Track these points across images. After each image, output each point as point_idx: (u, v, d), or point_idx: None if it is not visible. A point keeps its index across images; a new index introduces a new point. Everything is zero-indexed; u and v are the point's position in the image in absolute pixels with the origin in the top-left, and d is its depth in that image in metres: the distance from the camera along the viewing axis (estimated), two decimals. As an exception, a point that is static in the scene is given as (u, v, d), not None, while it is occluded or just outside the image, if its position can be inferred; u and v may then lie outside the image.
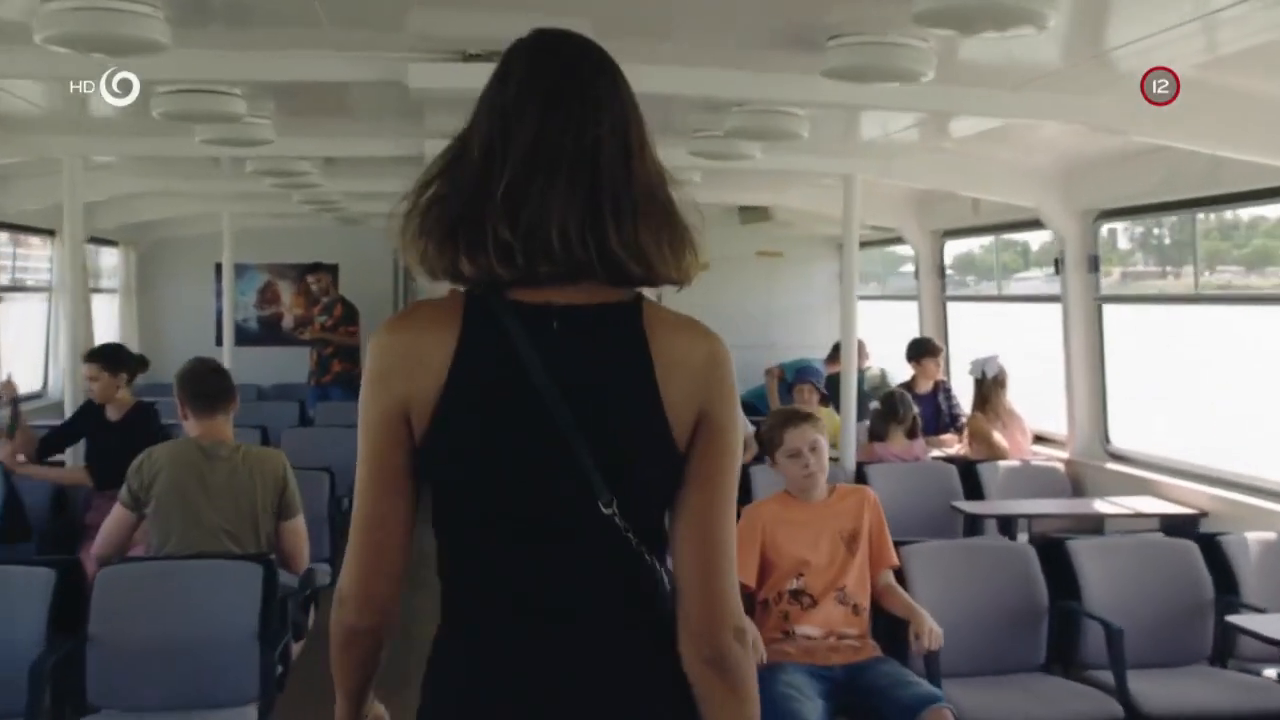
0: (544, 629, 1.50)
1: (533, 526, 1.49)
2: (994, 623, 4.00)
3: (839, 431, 7.68)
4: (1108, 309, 6.18)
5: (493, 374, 1.47)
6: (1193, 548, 4.18)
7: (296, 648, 4.17)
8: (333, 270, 10.71)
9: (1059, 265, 6.32)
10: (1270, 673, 4.03)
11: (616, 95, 1.53)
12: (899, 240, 8.41)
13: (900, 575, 3.83)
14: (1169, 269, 7.54)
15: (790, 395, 8.87)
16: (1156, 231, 7.37)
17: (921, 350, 7.51)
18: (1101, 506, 5.53)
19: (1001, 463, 6.22)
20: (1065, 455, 6.43)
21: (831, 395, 8.01)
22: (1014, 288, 8.28)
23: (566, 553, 1.50)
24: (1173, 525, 5.26)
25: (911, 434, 6.46)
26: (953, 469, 6.12)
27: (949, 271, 8.18)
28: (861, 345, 8.79)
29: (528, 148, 1.46)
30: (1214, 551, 4.17)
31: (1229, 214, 6.65)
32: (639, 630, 1.52)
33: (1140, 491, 5.73)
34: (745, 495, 5.90)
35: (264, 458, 3.96)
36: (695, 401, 1.50)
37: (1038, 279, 8.09)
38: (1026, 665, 4.02)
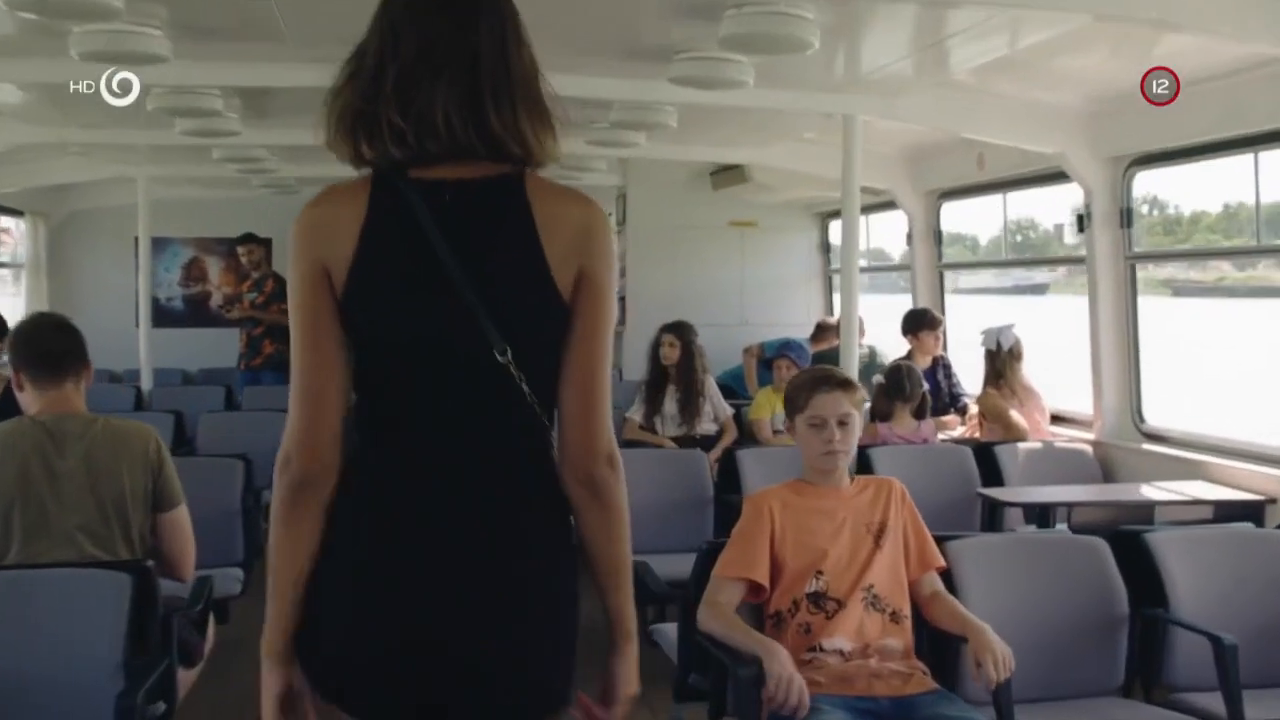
0: (448, 456, 1.72)
1: (437, 373, 1.71)
2: (1062, 636, 3.21)
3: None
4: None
5: (396, 240, 1.69)
6: (1296, 539, 3.42)
7: (188, 676, 3.31)
8: (266, 244, 9.76)
9: (1084, 222, 5.57)
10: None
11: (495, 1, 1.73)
12: (889, 205, 7.64)
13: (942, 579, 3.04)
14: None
15: (770, 375, 8.13)
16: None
17: (919, 322, 6.74)
18: (1151, 493, 4.77)
19: (1021, 445, 5.46)
20: (1091, 436, 5.68)
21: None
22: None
23: (468, 396, 1.71)
24: (1233, 512, 4.52)
25: (919, 414, 5.69)
26: (968, 452, 5.36)
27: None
28: (860, 322, 8.07)
29: (415, 50, 1.68)
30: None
31: (1171, 212, 6.75)
32: (528, 456, 1.75)
33: (1185, 475, 4.99)
34: (733, 482, 5.12)
35: (129, 433, 3.07)
36: (575, 260, 1.70)
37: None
38: (1101, 688, 3.24)
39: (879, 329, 7.87)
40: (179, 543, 3.13)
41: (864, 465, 5.18)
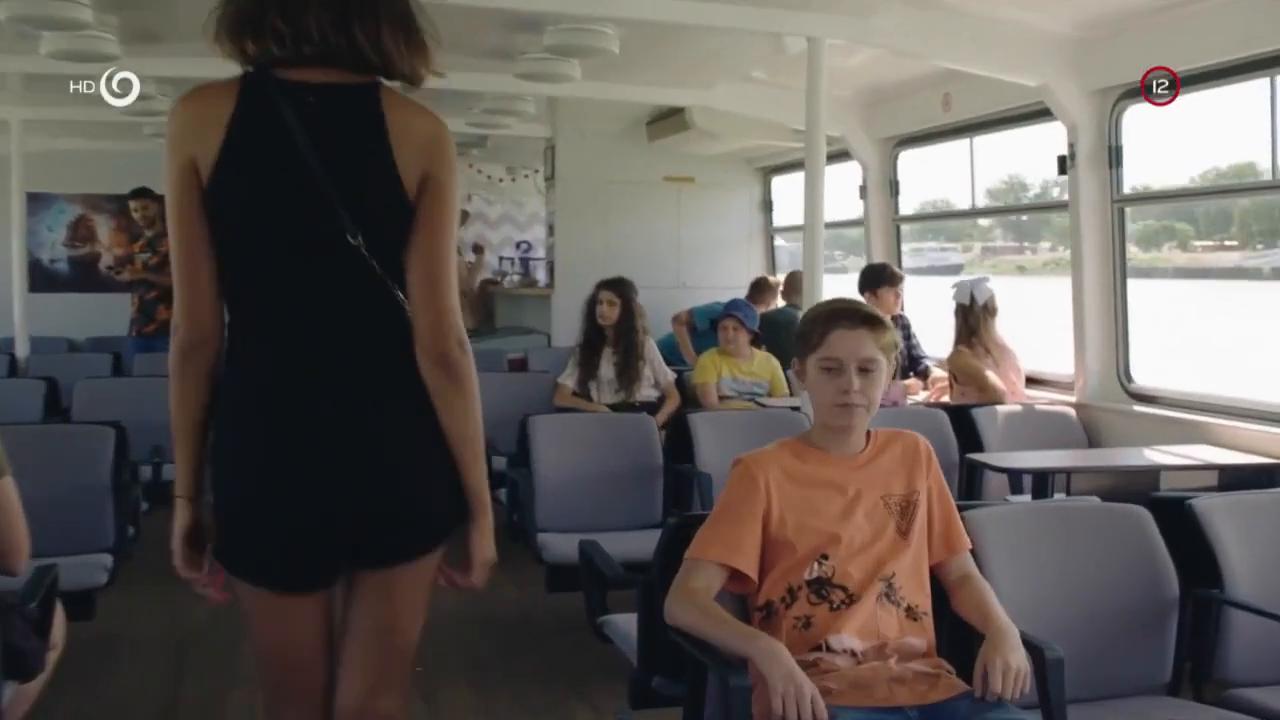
0: (314, 328, 1.94)
1: (297, 255, 1.92)
2: (1099, 624, 2.67)
3: (778, 379, 6.41)
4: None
5: (262, 135, 1.88)
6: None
7: (25, 692, 2.63)
8: (161, 201, 8.91)
9: (1067, 162, 5.06)
10: None
11: None
12: (841, 156, 7.09)
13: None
14: (1026, 244, 8.45)
15: (706, 342, 7.56)
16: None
17: (878, 278, 6.22)
18: (1155, 457, 4.27)
19: (1000, 408, 4.95)
20: (1072, 399, 5.19)
21: (767, 337, 6.71)
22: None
23: (327, 275, 1.92)
24: (1242, 478, 4.05)
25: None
26: (943, 415, 4.83)
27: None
28: (800, 278, 7.52)
29: None
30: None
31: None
32: (384, 336, 1.96)
33: (1179, 439, 4.51)
34: (684, 450, 4.52)
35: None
36: (421, 164, 1.92)
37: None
38: (1145, 685, 2.71)
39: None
40: (8, 522, 2.43)
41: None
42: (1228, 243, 9.30)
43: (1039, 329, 6.27)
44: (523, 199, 10.83)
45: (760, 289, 7.56)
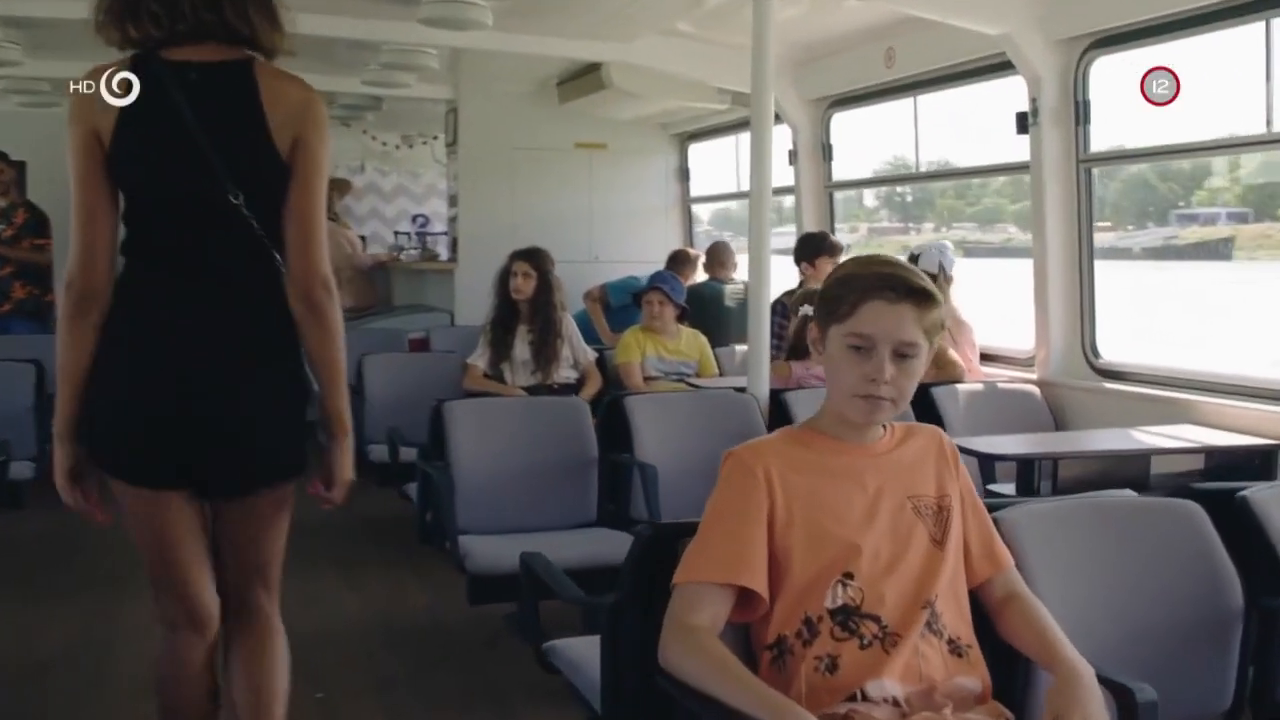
0: (197, 275, 2.21)
1: (187, 213, 2.19)
2: (1149, 643, 2.24)
3: (707, 358, 5.94)
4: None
5: (153, 108, 2.14)
6: None
7: None
8: (18, 167, 8.03)
9: (1029, 119, 4.65)
10: None
11: None
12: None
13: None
14: (911, 225, 8.39)
15: (621, 320, 7.07)
16: (900, 190, 8.03)
17: (817, 247, 5.76)
18: (1145, 439, 3.88)
19: (960, 387, 4.54)
20: (1031, 375, 4.81)
21: (696, 311, 6.23)
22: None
23: (212, 231, 2.20)
24: (1235, 460, 3.70)
25: (841, 349, 4.70)
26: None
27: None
28: (727, 249, 7.07)
29: None
30: None
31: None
32: (259, 275, 2.22)
33: (1154, 419, 4.14)
34: (618, 438, 4.00)
35: None
36: (292, 129, 2.18)
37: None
38: (1204, 710, 2.29)
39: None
40: None
41: (778, 414, 4.16)
42: (1101, 224, 9.29)
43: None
44: (419, 169, 10.16)
45: (680, 262, 7.07)
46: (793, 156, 6.49)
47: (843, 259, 5.70)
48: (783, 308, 5.81)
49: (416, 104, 8.21)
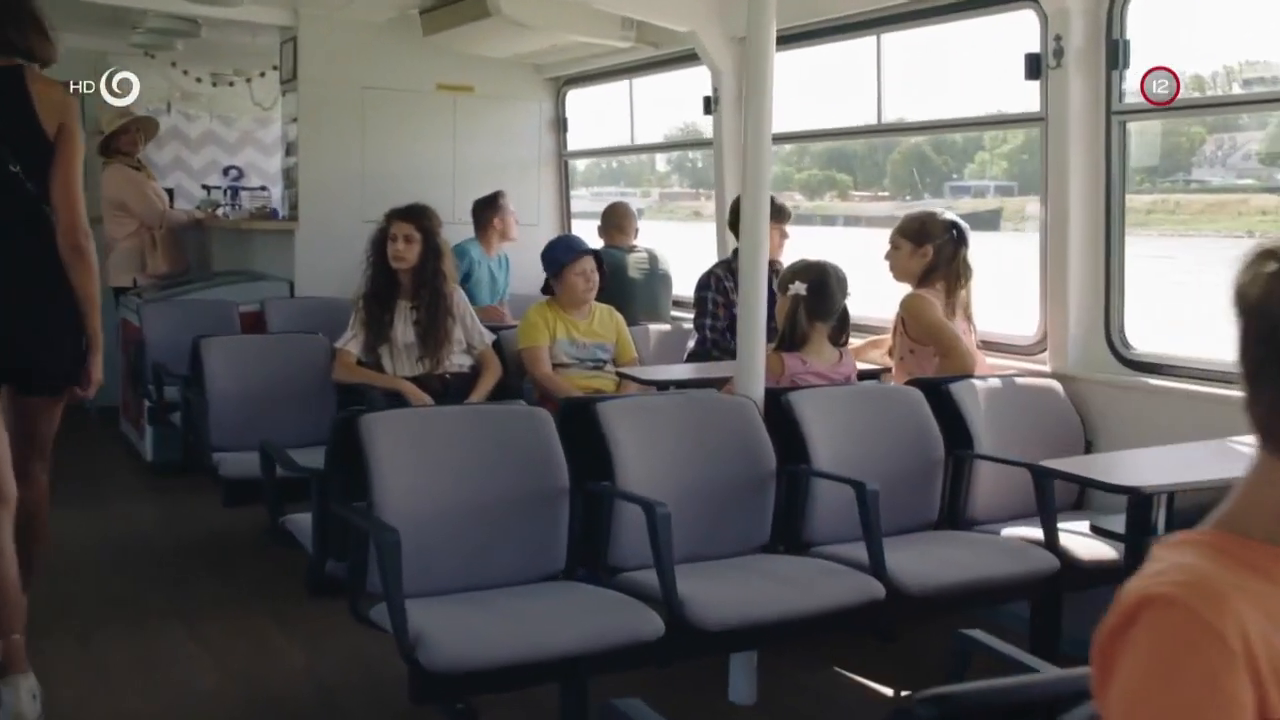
0: None
1: None
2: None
3: (625, 339, 5.02)
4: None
5: None
6: None
7: None
8: None
9: (1042, 63, 3.89)
10: None
11: None
12: (687, 58, 5.69)
13: None
14: (701, 191, 7.97)
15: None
16: (691, 156, 8.07)
17: (758, 212, 4.90)
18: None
19: (979, 384, 3.75)
20: (1043, 367, 4.07)
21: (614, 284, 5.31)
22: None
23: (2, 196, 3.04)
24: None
25: (839, 336, 3.86)
26: (917, 395, 3.59)
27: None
28: (627, 211, 6.11)
29: None
30: None
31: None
32: (37, 230, 3.05)
33: (1211, 423, 3.45)
34: (594, 458, 3.05)
35: None
36: (56, 119, 3.04)
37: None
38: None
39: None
40: None
41: (780, 418, 3.29)
42: (881, 193, 9.44)
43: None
44: (232, 114, 8.74)
45: (618, 219, 5.99)
46: (711, 104, 5.58)
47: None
48: (716, 281, 4.93)
49: (242, 32, 6.89)
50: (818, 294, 3.74)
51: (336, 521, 2.82)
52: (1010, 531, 3.47)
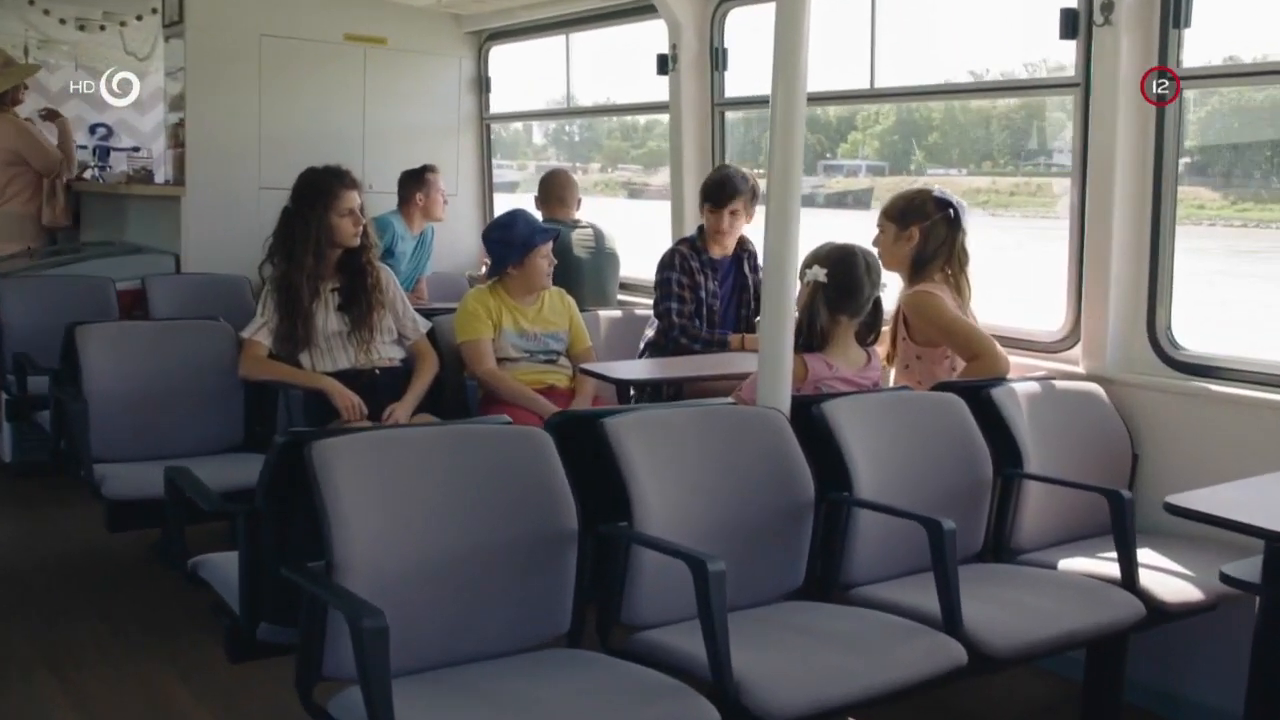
0: None
1: None
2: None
3: (579, 326, 4.42)
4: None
5: None
6: None
7: None
8: None
9: (1097, 18, 3.37)
10: None
11: None
12: (635, 11, 5.06)
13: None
14: (578, 165, 8.12)
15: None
16: (568, 129, 8.24)
17: (724, 188, 4.35)
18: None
19: (1020, 388, 3.24)
20: (1075, 368, 3.58)
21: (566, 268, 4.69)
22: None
23: None
24: None
25: (868, 335, 3.31)
26: (959, 402, 3.06)
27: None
28: (568, 181, 5.45)
29: None
30: None
31: (629, 119, 7.86)
32: None
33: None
34: (599, 490, 2.43)
35: None
36: None
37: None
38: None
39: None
40: None
41: (809, 433, 2.72)
42: (757, 170, 9.81)
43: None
44: (99, 64, 7.78)
45: (558, 187, 5.35)
46: (668, 63, 4.96)
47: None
48: (680, 260, 4.34)
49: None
50: (841, 282, 3.17)
51: (275, 580, 2.15)
52: (1068, 564, 2.97)
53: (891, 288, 3.47)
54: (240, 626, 2.39)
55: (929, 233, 3.49)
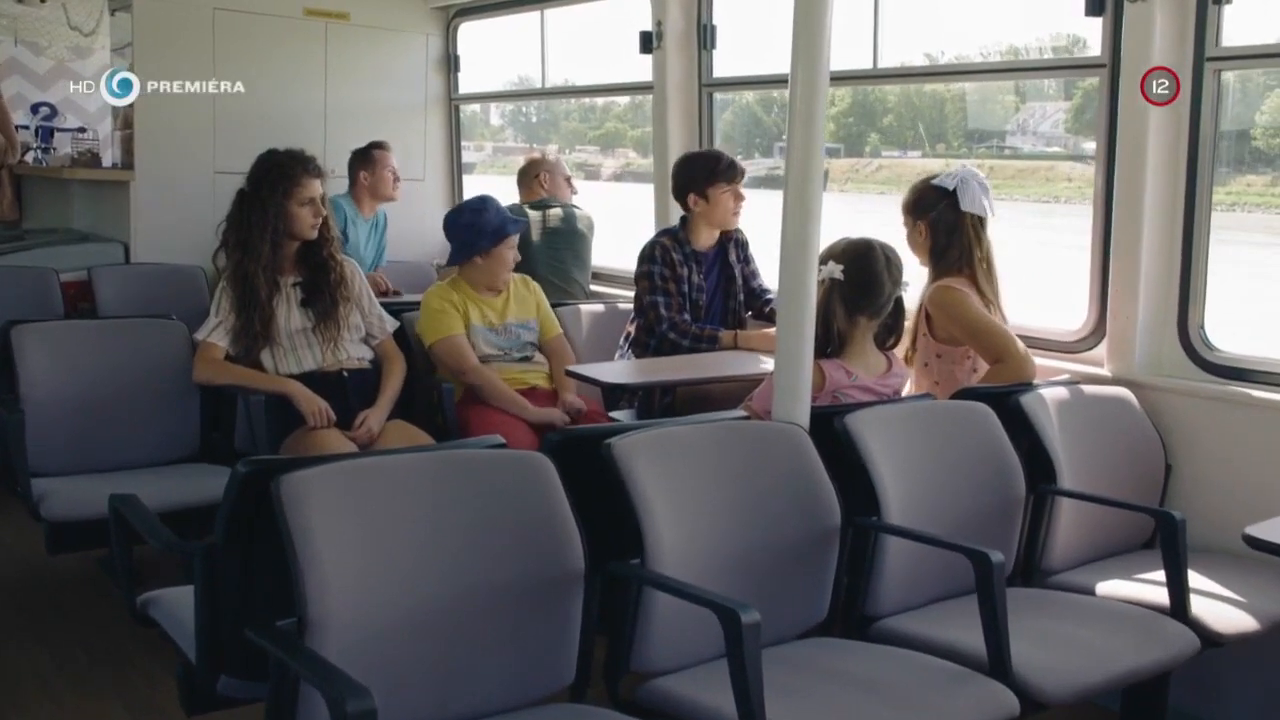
0: None
1: None
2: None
3: (547, 315, 4.13)
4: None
5: None
6: None
7: None
8: None
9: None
10: None
11: None
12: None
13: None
14: (535, 145, 7.94)
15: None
16: (525, 109, 8.19)
17: (709, 172, 4.07)
18: None
19: (1048, 393, 2.99)
20: (1099, 370, 3.34)
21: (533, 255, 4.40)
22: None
23: None
24: None
25: (889, 338, 3.04)
26: (987, 411, 2.81)
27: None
28: (556, 165, 5.17)
29: None
30: None
31: (587, 100, 7.72)
32: None
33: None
34: (603, 522, 2.15)
35: None
36: None
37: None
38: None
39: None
40: None
41: (829, 449, 2.46)
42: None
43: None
44: (42, 40, 7.36)
45: (536, 170, 5.09)
46: (652, 41, 4.67)
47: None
48: (663, 252, 4.06)
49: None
50: (859, 280, 2.90)
51: (238, 628, 1.86)
52: (1106, 588, 2.73)
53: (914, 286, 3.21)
54: (195, 677, 2.10)
55: (937, 222, 3.26)
